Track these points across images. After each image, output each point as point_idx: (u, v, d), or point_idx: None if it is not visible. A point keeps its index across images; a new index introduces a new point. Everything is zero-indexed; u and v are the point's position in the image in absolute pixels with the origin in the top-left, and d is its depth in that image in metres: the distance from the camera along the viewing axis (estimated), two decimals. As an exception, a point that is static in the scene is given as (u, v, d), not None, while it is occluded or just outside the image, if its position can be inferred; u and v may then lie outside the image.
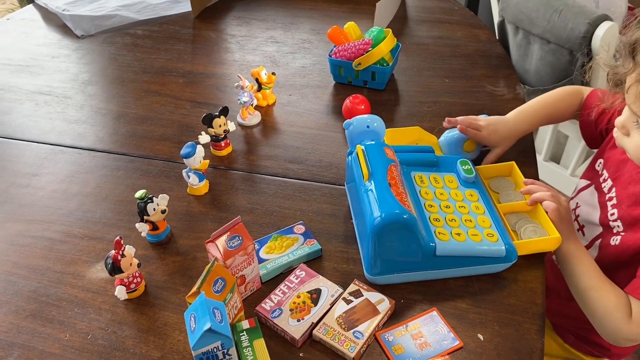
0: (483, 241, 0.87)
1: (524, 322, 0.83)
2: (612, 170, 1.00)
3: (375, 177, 0.87)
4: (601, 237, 1.00)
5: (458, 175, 0.99)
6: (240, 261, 0.83)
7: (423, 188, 0.95)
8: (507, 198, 0.99)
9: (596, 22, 1.45)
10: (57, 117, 1.32)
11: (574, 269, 0.91)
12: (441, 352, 0.79)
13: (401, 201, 0.83)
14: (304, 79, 1.42)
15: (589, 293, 0.90)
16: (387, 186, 0.85)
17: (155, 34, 1.64)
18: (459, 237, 0.87)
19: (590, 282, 0.90)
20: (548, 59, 1.63)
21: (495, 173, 1.04)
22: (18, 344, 0.83)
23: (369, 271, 0.87)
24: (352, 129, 1.01)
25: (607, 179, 1.01)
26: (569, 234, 0.91)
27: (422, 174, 0.98)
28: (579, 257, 0.91)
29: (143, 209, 0.93)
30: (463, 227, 0.90)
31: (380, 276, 0.87)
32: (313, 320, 0.82)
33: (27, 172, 1.15)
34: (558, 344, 1.16)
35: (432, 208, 0.92)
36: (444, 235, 0.87)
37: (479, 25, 1.63)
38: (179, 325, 0.84)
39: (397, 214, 0.81)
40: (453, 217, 0.91)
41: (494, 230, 0.90)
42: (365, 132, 1.00)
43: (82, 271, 0.94)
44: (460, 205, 0.94)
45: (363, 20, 1.56)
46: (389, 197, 0.83)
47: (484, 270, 0.89)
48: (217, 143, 1.15)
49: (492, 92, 1.33)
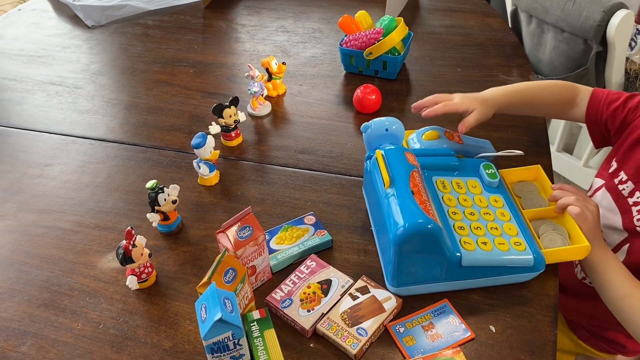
0: (510, 250, 0.83)
1: (537, 314, 0.82)
2: (633, 173, 0.95)
3: (397, 184, 0.83)
4: (629, 242, 0.96)
5: (481, 180, 0.94)
6: (251, 252, 0.83)
7: (446, 194, 0.91)
8: (530, 203, 0.94)
9: (611, 10, 1.43)
10: (68, 107, 1.32)
11: (603, 277, 0.87)
12: (453, 343, 0.78)
13: (425, 210, 0.79)
14: (315, 68, 1.41)
15: (623, 302, 0.85)
16: (411, 194, 0.81)
17: (166, 24, 1.64)
18: (485, 247, 0.83)
19: (624, 290, 0.85)
20: (562, 48, 1.61)
21: (520, 177, 0.99)
22: (31, 332, 0.84)
23: (391, 282, 0.84)
24: (370, 132, 0.95)
25: (626, 180, 0.96)
26: (594, 240, 0.86)
27: (444, 178, 0.93)
28: (608, 264, 0.87)
29: (154, 199, 0.93)
30: (489, 235, 0.85)
31: (404, 288, 0.84)
32: (323, 311, 0.82)
33: (39, 163, 1.16)
34: (571, 340, 1.14)
35: (456, 215, 0.87)
36: (470, 244, 0.83)
37: (492, 13, 1.61)
38: (190, 315, 0.85)
39: (421, 223, 0.77)
40: (478, 225, 0.86)
41: (521, 238, 0.85)
42: (384, 136, 0.94)
43: (94, 261, 0.94)
44: (485, 212, 0.89)
45: (374, 9, 1.54)
46: (412, 205, 0.79)
47: (510, 280, 0.86)
48: (228, 133, 1.15)
49: (505, 82, 1.31)
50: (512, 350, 0.78)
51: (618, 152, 1.00)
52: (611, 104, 1.00)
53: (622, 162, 0.99)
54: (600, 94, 1.03)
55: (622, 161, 0.99)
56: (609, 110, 1.00)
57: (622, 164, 0.99)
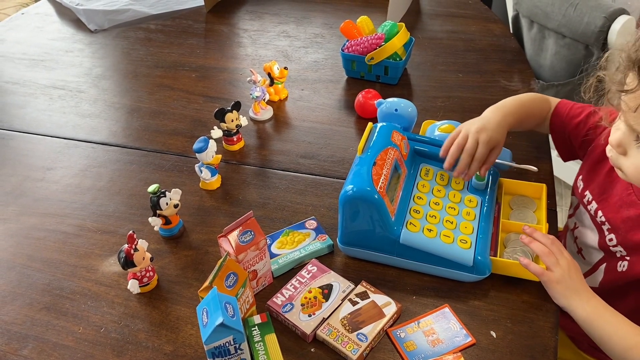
0: (453, 244, 0.86)
1: (537, 320, 0.82)
2: (597, 192, 0.94)
3: (366, 154, 0.89)
4: (605, 261, 0.94)
5: (470, 180, 0.97)
6: (252, 256, 0.83)
7: (423, 180, 0.96)
8: (519, 217, 0.95)
9: (613, 15, 1.43)
10: (71, 111, 1.32)
11: (602, 332, 0.81)
12: (453, 348, 0.78)
13: (375, 181, 0.84)
14: (316, 73, 1.41)
15: (629, 353, 0.79)
16: (371, 165, 0.86)
17: (168, 29, 1.65)
18: (429, 233, 0.87)
19: (627, 342, 0.79)
20: (563, 53, 1.61)
21: (523, 191, 1.00)
22: (32, 336, 0.84)
23: (339, 238, 0.91)
24: (383, 108, 1.09)
25: (591, 201, 0.95)
26: (576, 296, 0.82)
27: (431, 167, 0.98)
28: (603, 318, 0.81)
29: (156, 203, 0.93)
30: (440, 226, 0.89)
31: (348, 247, 0.90)
32: (324, 316, 0.82)
33: (41, 166, 1.16)
34: (572, 350, 1.12)
35: (420, 200, 0.93)
36: (415, 227, 0.88)
37: (493, 19, 1.62)
38: (191, 320, 0.85)
39: (368, 191, 0.83)
40: (435, 214, 0.91)
41: (472, 238, 0.88)
42: (394, 115, 1.07)
43: (96, 265, 0.94)
44: (450, 207, 0.93)
45: (376, 14, 1.55)
46: (365, 173, 0.85)
47: (450, 275, 0.87)
48: (230, 138, 1.15)
49: (507, 87, 1.32)
50: (512, 355, 0.78)
51: (583, 172, 0.99)
52: (573, 118, 0.99)
53: (587, 181, 0.97)
54: (563, 108, 1.01)
55: (587, 180, 0.97)
56: (571, 124, 0.99)
57: (587, 184, 0.97)
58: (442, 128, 1.05)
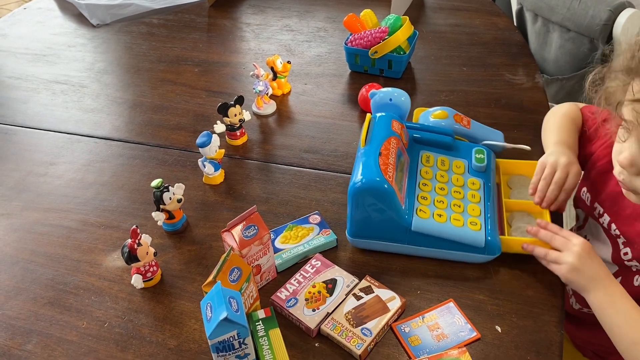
0: (464, 227, 0.87)
1: (543, 315, 0.82)
2: (608, 205, 0.91)
3: (370, 145, 0.89)
4: (621, 275, 0.91)
5: (470, 163, 0.98)
6: (256, 251, 0.83)
7: (425, 167, 0.96)
8: (519, 196, 0.96)
9: (618, 9, 1.42)
10: (73, 106, 1.32)
11: (612, 320, 0.79)
12: (458, 343, 0.78)
13: (384, 171, 0.84)
14: (320, 67, 1.41)
15: (636, 347, 0.76)
16: (377, 155, 0.86)
17: (171, 23, 1.64)
18: (439, 218, 0.88)
19: (636, 334, 0.76)
20: (568, 47, 1.60)
21: (520, 171, 1.01)
22: (36, 331, 0.84)
23: (348, 231, 0.90)
24: (377, 98, 1.08)
25: (602, 213, 0.93)
26: (592, 282, 0.79)
27: (431, 154, 0.99)
28: (614, 306, 0.79)
29: (159, 198, 0.93)
30: (449, 210, 0.90)
31: (358, 239, 0.90)
32: (328, 310, 0.82)
33: (44, 161, 1.16)
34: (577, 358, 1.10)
35: (426, 187, 0.93)
36: (425, 213, 0.88)
37: (497, 12, 1.61)
38: (195, 314, 0.84)
39: (378, 181, 0.83)
40: (442, 199, 0.91)
41: (481, 220, 0.89)
42: (388, 105, 1.07)
43: (99, 260, 0.94)
44: (455, 190, 0.94)
45: (380, 8, 1.54)
46: (373, 164, 0.85)
47: (462, 258, 0.89)
48: (233, 132, 1.15)
49: (511, 81, 1.31)
50: (518, 350, 0.78)
51: (587, 182, 0.97)
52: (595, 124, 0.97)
53: (594, 192, 0.95)
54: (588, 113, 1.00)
55: (593, 191, 0.95)
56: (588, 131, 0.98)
57: (595, 195, 0.95)
58: (435, 114, 1.06)
